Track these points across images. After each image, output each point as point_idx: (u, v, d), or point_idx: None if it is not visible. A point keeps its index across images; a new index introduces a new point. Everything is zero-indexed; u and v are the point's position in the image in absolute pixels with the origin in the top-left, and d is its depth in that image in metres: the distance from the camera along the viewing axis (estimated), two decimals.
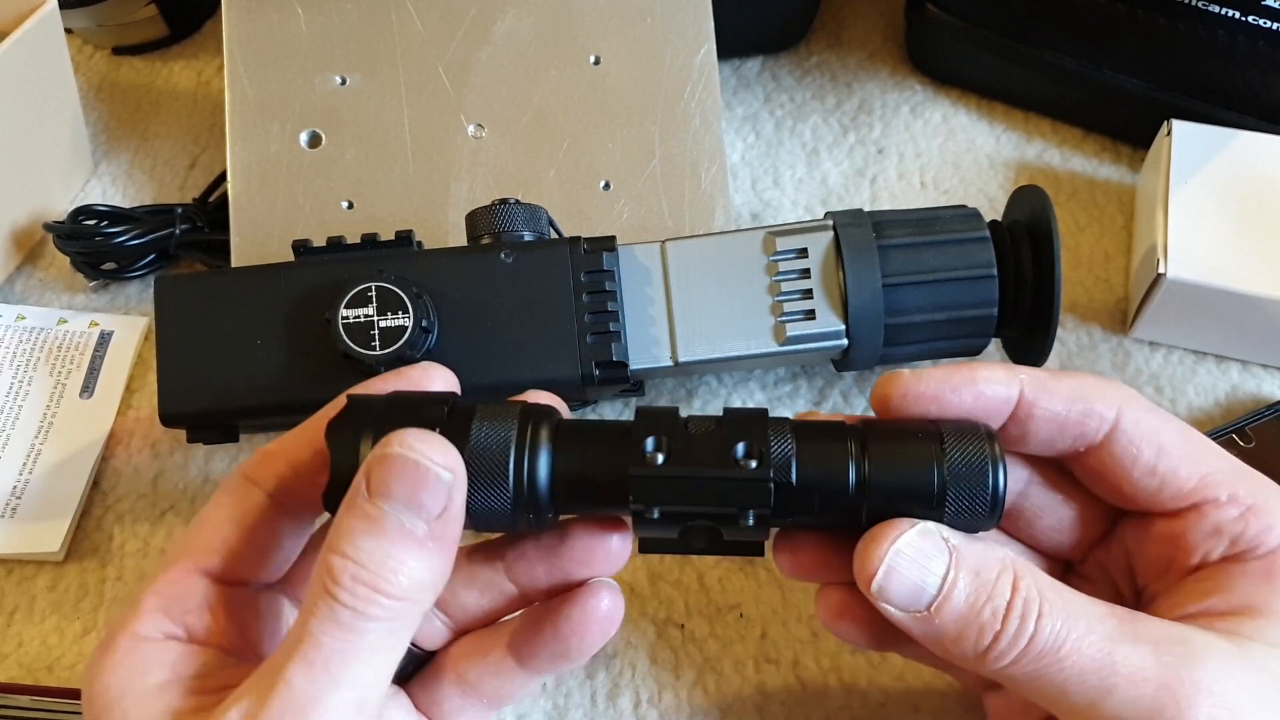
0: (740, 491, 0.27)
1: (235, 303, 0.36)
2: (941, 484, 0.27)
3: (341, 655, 0.24)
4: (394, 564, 0.24)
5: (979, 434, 0.27)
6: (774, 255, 0.37)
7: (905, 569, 0.26)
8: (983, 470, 0.27)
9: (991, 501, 0.27)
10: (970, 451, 0.27)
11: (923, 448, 0.27)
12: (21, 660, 0.38)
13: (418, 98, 0.43)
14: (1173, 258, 0.40)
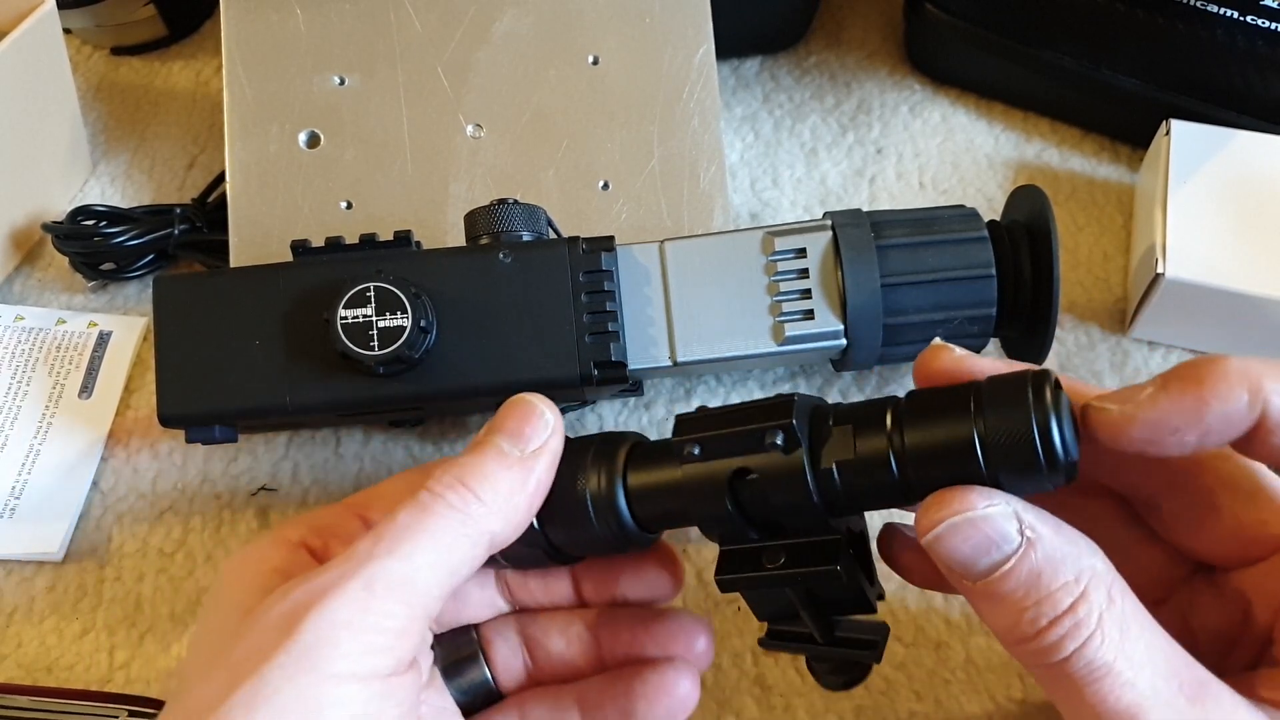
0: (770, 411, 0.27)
1: (234, 303, 0.36)
2: (982, 446, 0.24)
3: (410, 530, 0.26)
4: (480, 469, 0.28)
5: (1020, 382, 0.25)
6: (772, 255, 0.37)
7: (964, 537, 0.24)
8: (1025, 423, 0.24)
9: (1045, 457, 0.24)
10: (1009, 404, 0.24)
11: (956, 409, 0.25)
12: (20, 661, 0.38)
13: (416, 98, 0.43)
14: (1171, 257, 0.40)
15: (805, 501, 0.27)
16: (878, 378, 0.43)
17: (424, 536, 0.26)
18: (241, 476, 0.42)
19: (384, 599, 0.25)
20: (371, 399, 0.35)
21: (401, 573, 0.26)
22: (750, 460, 0.27)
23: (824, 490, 0.27)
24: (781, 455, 0.27)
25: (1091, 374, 0.43)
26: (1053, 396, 0.24)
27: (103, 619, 0.39)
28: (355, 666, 0.25)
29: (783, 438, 0.27)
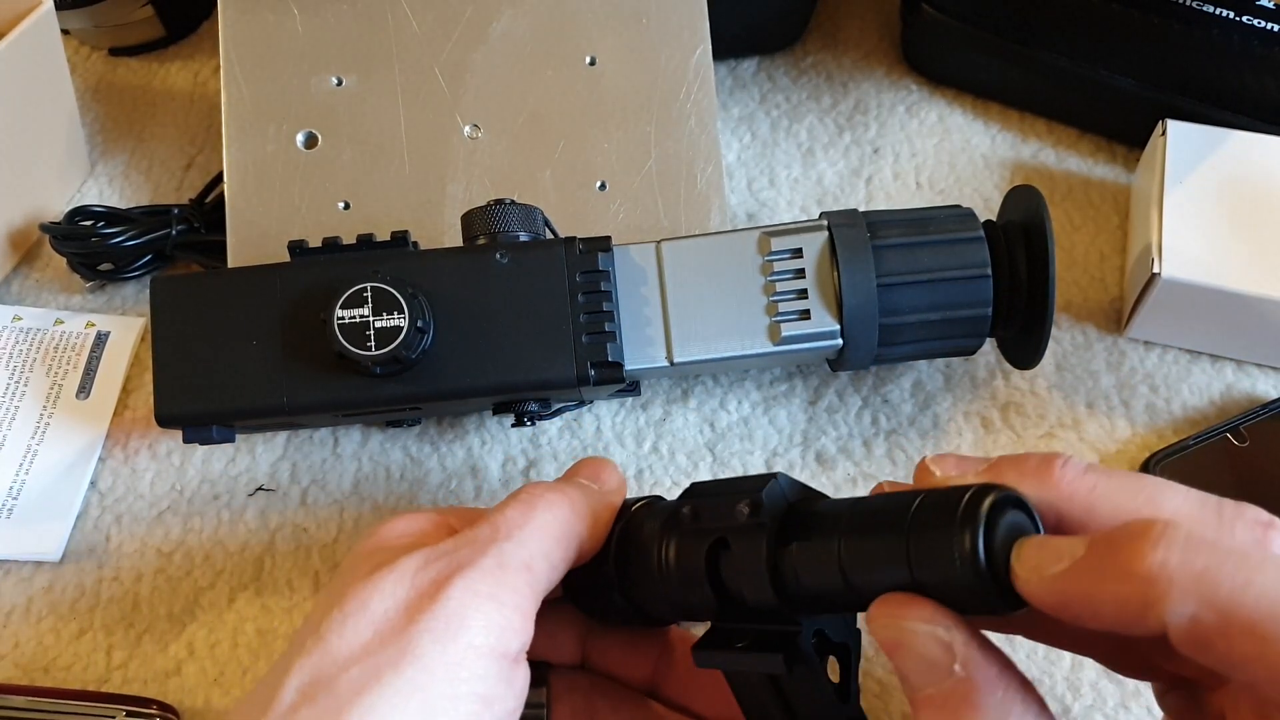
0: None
1: (231, 303, 0.36)
2: (910, 564, 0.23)
3: (521, 520, 0.28)
4: (569, 490, 0.30)
5: (954, 499, 0.23)
6: (769, 255, 0.37)
7: (906, 648, 0.23)
8: (946, 542, 0.22)
9: (970, 580, 0.22)
10: (938, 517, 0.23)
11: (894, 521, 0.24)
12: (18, 661, 0.38)
13: (414, 98, 0.43)
14: (1167, 257, 0.40)
15: (761, 586, 0.26)
16: (874, 378, 0.43)
17: (534, 528, 0.28)
18: (240, 477, 0.42)
19: (515, 577, 0.26)
20: (369, 399, 0.35)
21: (522, 556, 0.27)
22: (728, 532, 0.27)
23: (778, 580, 0.26)
24: (752, 531, 0.26)
25: (1088, 374, 0.43)
26: (989, 514, 0.22)
27: (100, 619, 0.39)
28: (493, 641, 0.25)
29: (749, 510, 0.27)
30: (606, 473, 0.32)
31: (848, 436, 0.42)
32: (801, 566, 0.26)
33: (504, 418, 0.42)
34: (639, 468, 0.41)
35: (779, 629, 0.27)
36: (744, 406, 0.42)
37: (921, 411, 0.42)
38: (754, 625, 0.27)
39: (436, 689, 0.24)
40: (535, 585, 0.27)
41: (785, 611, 0.26)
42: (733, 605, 0.28)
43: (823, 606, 0.26)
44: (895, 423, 0.42)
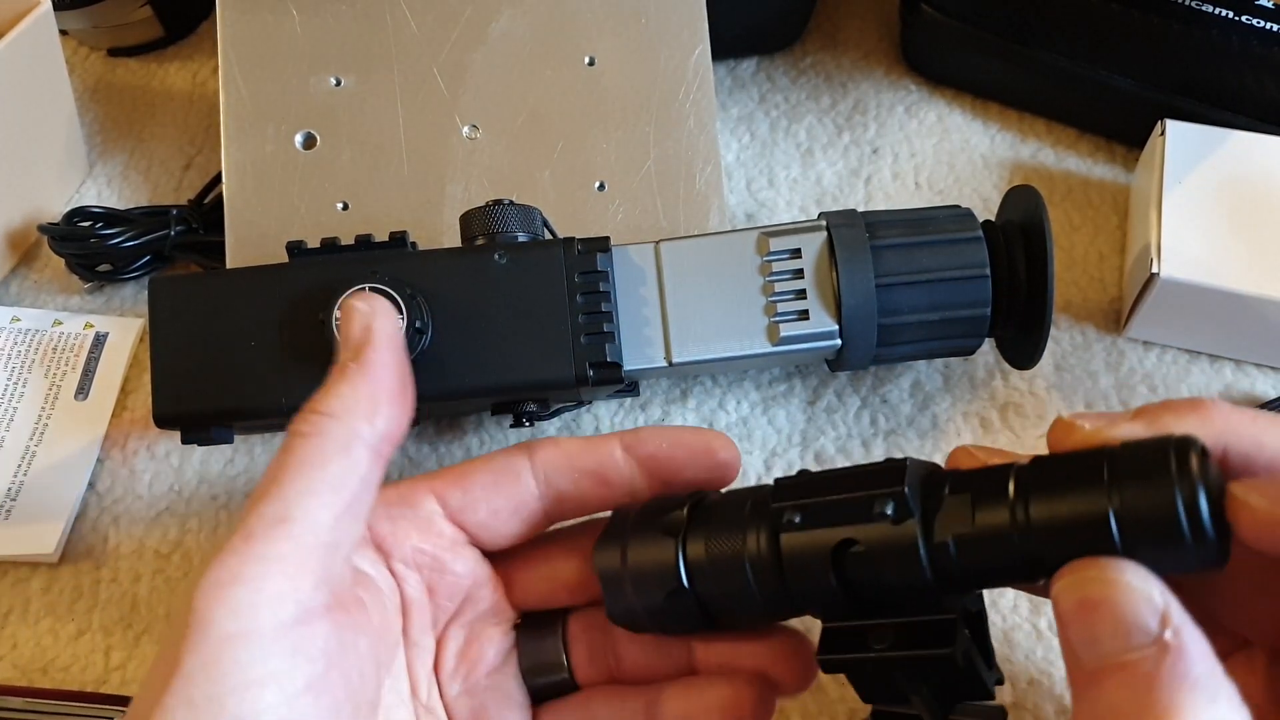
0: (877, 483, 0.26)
1: (230, 304, 0.36)
2: (1118, 520, 0.22)
3: (274, 472, 0.26)
4: (322, 392, 0.28)
5: (1162, 448, 0.22)
6: (767, 255, 0.37)
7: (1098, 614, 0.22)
8: (1167, 495, 0.22)
9: (1191, 534, 0.21)
10: (1149, 472, 0.22)
11: (1087, 478, 0.23)
12: (16, 662, 0.38)
13: (413, 99, 0.43)
14: (1166, 257, 0.40)
15: (917, 578, 0.25)
16: (873, 378, 0.43)
17: (284, 471, 0.26)
18: (238, 478, 0.42)
19: (262, 544, 0.25)
20: None
21: (274, 513, 0.25)
22: (857, 531, 0.25)
23: (938, 566, 0.25)
24: (891, 526, 0.25)
25: (1087, 374, 0.43)
26: (1200, 465, 0.22)
27: (98, 620, 0.39)
28: (250, 622, 0.24)
29: (893, 507, 0.25)
30: (353, 326, 0.29)
31: (846, 437, 0.42)
32: (966, 550, 0.24)
33: (502, 418, 0.41)
34: None
35: (926, 619, 0.25)
36: (743, 407, 0.42)
37: (920, 412, 0.42)
38: (882, 620, 0.26)
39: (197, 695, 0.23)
40: (300, 533, 0.25)
41: (932, 597, 0.25)
42: (856, 604, 0.26)
43: (980, 584, 0.25)
44: (894, 423, 0.42)
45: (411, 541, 0.31)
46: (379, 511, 0.31)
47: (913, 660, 0.25)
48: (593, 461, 0.31)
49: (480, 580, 0.32)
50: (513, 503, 0.31)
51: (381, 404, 0.28)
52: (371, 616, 0.29)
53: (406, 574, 0.31)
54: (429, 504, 0.31)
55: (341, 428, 0.27)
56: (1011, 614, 0.38)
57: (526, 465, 0.31)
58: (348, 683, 0.26)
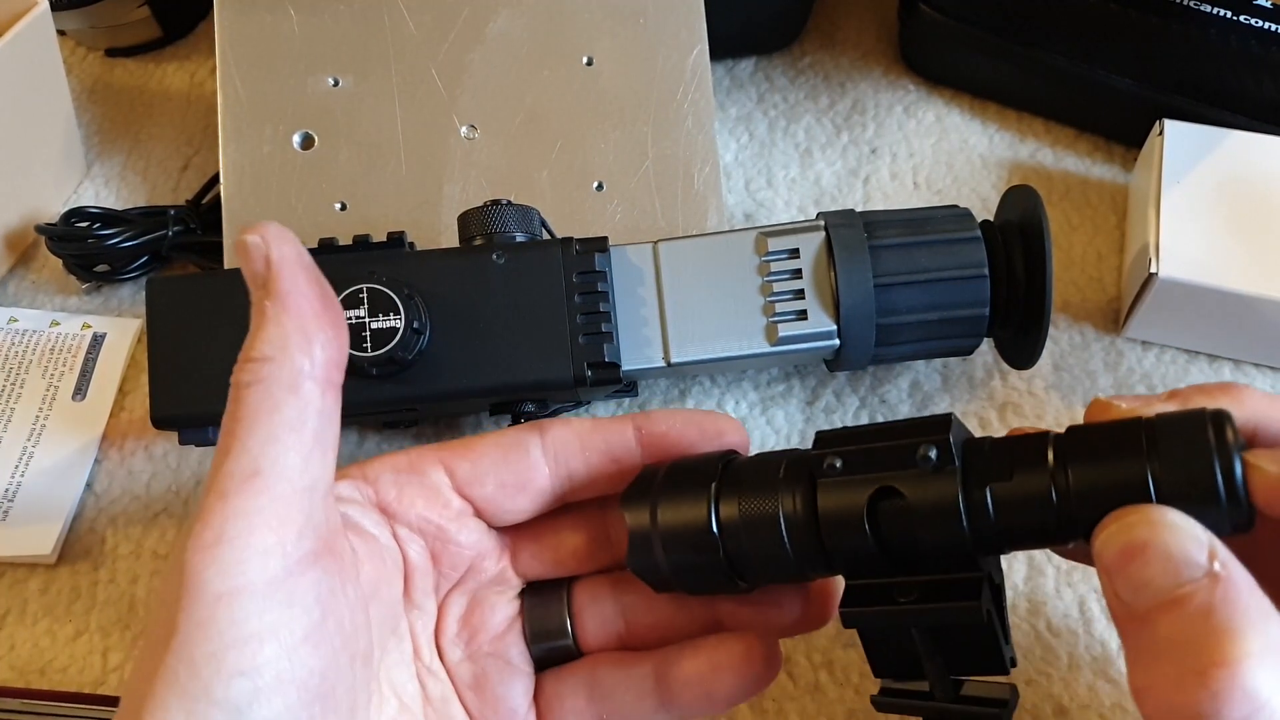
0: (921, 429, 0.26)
1: (227, 304, 0.36)
2: (1156, 486, 0.23)
3: (228, 429, 0.25)
4: (250, 337, 0.26)
5: (1199, 420, 0.23)
6: (766, 255, 0.37)
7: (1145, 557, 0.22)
8: (1206, 463, 0.23)
9: (1227, 499, 0.23)
10: (1188, 442, 0.23)
11: (1127, 446, 0.24)
12: (14, 663, 0.38)
13: (410, 99, 0.43)
14: (1165, 257, 0.40)
15: (954, 529, 0.25)
16: (871, 378, 0.43)
17: (241, 425, 0.25)
18: None
19: (239, 500, 0.24)
20: (365, 400, 0.35)
21: (243, 468, 0.25)
22: (897, 477, 0.26)
23: (975, 519, 0.25)
24: (932, 474, 0.25)
25: (1086, 374, 0.43)
26: (1234, 435, 0.23)
27: (96, 621, 0.39)
28: (240, 578, 0.24)
29: (936, 453, 0.25)
30: (251, 265, 0.27)
31: None
32: (1004, 505, 0.25)
33: (501, 419, 0.41)
34: None
35: (953, 577, 0.25)
36: (741, 407, 0.42)
37: (919, 412, 0.42)
38: (910, 577, 0.26)
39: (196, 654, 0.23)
40: (273, 483, 0.25)
41: (964, 556, 0.25)
42: (887, 556, 0.26)
43: (1013, 543, 0.26)
44: None
45: (417, 509, 0.31)
46: (386, 477, 0.31)
47: (939, 613, 0.25)
48: (604, 441, 0.31)
49: (485, 551, 0.32)
50: (521, 479, 0.31)
51: (312, 332, 0.26)
52: (365, 569, 0.29)
53: (410, 539, 0.31)
54: (436, 473, 0.31)
55: (282, 368, 0.26)
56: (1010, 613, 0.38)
57: (537, 442, 0.31)
58: (342, 631, 0.26)
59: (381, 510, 0.31)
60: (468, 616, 0.32)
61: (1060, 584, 0.38)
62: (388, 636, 0.30)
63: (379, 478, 0.31)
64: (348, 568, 0.27)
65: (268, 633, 0.24)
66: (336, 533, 0.27)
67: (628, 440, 0.32)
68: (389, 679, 0.30)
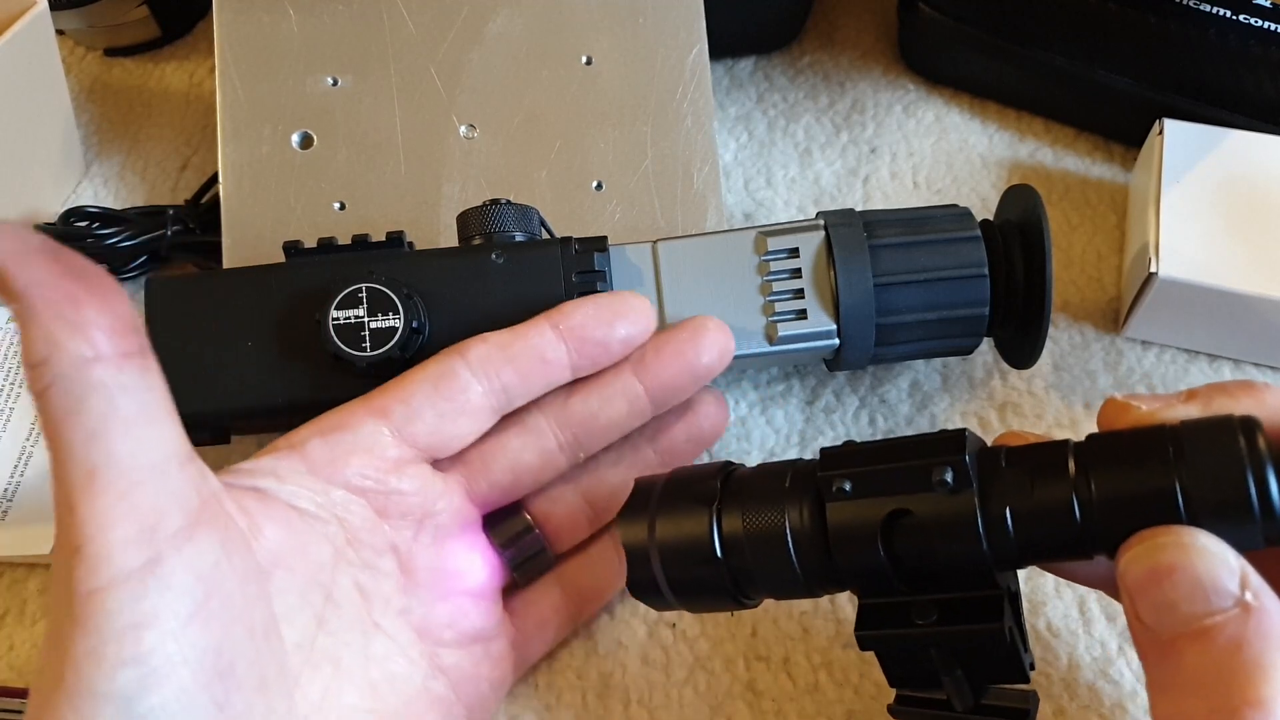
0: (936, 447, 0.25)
1: (226, 304, 0.36)
2: (1184, 495, 0.22)
3: (49, 432, 0.24)
4: (22, 340, 0.24)
5: (1228, 426, 0.23)
6: (765, 255, 0.37)
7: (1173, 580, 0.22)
8: (1238, 470, 0.22)
9: (1260, 508, 0.22)
10: (1217, 449, 0.22)
11: (1153, 455, 0.23)
12: (13, 663, 0.38)
13: (409, 99, 0.43)
14: (1164, 257, 0.40)
15: (973, 550, 0.24)
16: (871, 377, 0.43)
17: (58, 431, 0.24)
18: None
19: (85, 503, 0.24)
20: None
21: (78, 473, 0.24)
22: (911, 500, 0.25)
23: (994, 538, 0.24)
24: (948, 496, 0.24)
25: (1085, 374, 0.43)
26: (1265, 442, 0.22)
27: None
28: (105, 575, 0.23)
29: (952, 475, 0.24)
30: None
31: (845, 437, 0.42)
32: (1024, 523, 0.24)
33: None
34: None
35: (974, 596, 0.25)
36: (741, 407, 0.42)
37: (919, 411, 0.42)
38: (926, 595, 0.25)
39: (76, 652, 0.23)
40: (115, 479, 0.24)
41: (983, 574, 0.25)
42: (901, 575, 0.26)
43: (1033, 559, 0.25)
44: (893, 423, 0.42)
45: (352, 467, 0.31)
46: (314, 442, 0.31)
47: (960, 636, 0.24)
48: (527, 345, 0.32)
49: (434, 494, 0.32)
50: (457, 401, 0.32)
51: (74, 316, 0.24)
52: (267, 537, 0.28)
53: (349, 501, 0.31)
54: (369, 425, 0.31)
55: (63, 365, 0.24)
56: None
57: (462, 363, 0.32)
58: (231, 606, 0.26)
59: (313, 475, 0.31)
60: (435, 563, 0.32)
61: (1060, 584, 0.38)
62: (320, 604, 0.29)
63: (306, 443, 0.31)
64: (232, 539, 0.27)
65: (146, 620, 0.24)
66: (209, 504, 0.26)
67: (549, 338, 0.33)
68: (324, 646, 0.29)
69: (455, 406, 0.32)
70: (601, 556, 0.36)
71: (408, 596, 0.32)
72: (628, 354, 0.34)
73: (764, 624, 0.37)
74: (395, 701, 0.31)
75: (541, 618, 0.35)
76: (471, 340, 0.33)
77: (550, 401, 0.34)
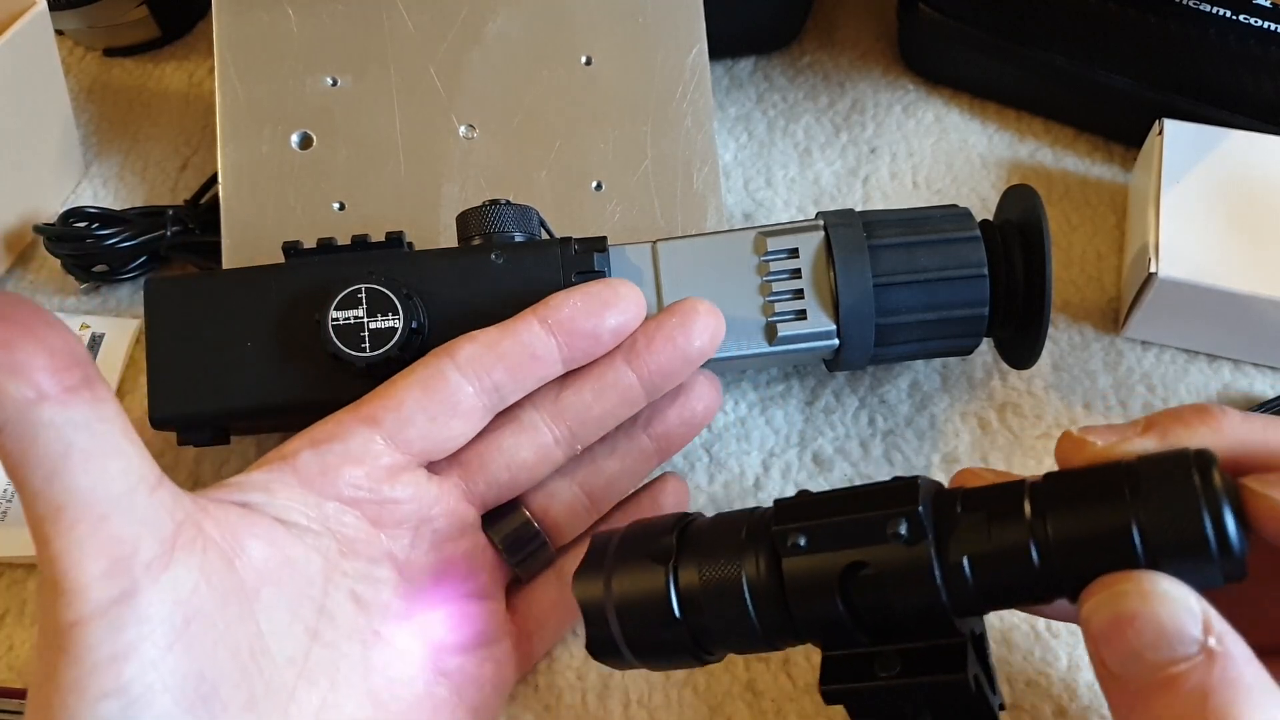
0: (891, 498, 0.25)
1: (225, 304, 0.36)
2: (1141, 534, 0.22)
3: (12, 472, 0.24)
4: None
5: (1182, 461, 0.22)
6: (765, 255, 0.37)
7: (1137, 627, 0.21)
8: (1193, 507, 0.22)
9: (1218, 546, 0.22)
10: (1172, 486, 0.22)
11: (1108, 493, 0.23)
12: (12, 664, 0.38)
13: (409, 99, 0.43)
14: (1164, 257, 0.40)
15: (931, 601, 0.24)
16: (871, 378, 0.43)
17: (18, 472, 0.24)
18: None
19: (56, 540, 0.24)
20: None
21: (44, 510, 0.24)
22: (867, 553, 0.25)
23: (953, 587, 0.24)
24: (904, 548, 0.24)
25: (1085, 374, 0.43)
26: (1221, 478, 0.22)
27: None
28: (81, 609, 0.24)
29: (907, 527, 0.24)
30: None
31: (844, 437, 0.42)
32: (982, 569, 0.24)
33: None
34: None
35: (937, 645, 0.25)
36: (740, 407, 0.42)
37: (918, 412, 0.42)
38: (887, 646, 0.25)
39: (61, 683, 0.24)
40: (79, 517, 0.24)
41: (943, 620, 0.25)
42: (861, 627, 0.26)
43: (993, 605, 0.25)
44: (892, 423, 0.42)
45: (345, 478, 0.31)
46: (306, 454, 0.31)
47: (924, 689, 0.24)
48: (516, 342, 0.32)
49: (429, 499, 0.32)
50: (449, 403, 0.32)
51: (11, 360, 0.23)
52: (252, 554, 0.28)
53: (342, 513, 0.31)
54: (361, 434, 0.31)
55: (7, 410, 0.23)
56: (1009, 614, 0.38)
57: (451, 364, 0.32)
58: (214, 628, 0.26)
59: (306, 488, 0.30)
60: (436, 569, 0.32)
61: None
62: (313, 617, 0.29)
63: (298, 455, 0.31)
64: (212, 561, 0.27)
65: (125, 652, 0.24)
66: (185, 527, 0.26)
67: (538, 333, 0.32)
68: (320, 659, 0.29)
69: (447, 409, 0.32)
70: None
71: (408, 602, 0.32)
72: (619, 343, 0.34)
73: None
74: (397, 708, 0.31)
75: (543, 616, 0.35)
76: (460, 340, 0.32)
77: (543, 396, 0.34)
